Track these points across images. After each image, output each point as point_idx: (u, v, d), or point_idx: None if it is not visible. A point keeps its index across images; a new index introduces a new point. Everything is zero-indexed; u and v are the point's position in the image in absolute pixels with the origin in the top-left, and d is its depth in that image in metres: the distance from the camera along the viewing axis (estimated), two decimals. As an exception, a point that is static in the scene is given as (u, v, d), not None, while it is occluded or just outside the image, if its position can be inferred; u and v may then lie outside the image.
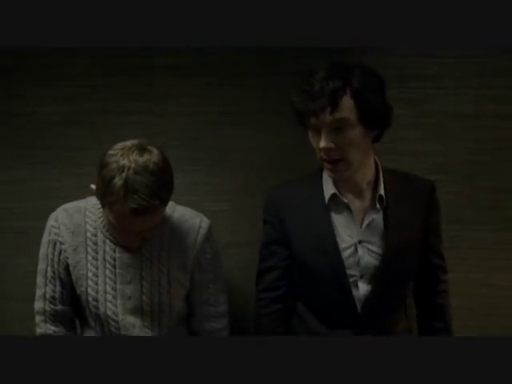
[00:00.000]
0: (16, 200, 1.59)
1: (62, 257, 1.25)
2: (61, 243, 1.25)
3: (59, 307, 1.27)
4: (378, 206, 1.21)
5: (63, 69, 1.56)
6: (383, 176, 1.24)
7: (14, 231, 1.58)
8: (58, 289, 1.27)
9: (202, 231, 1.29)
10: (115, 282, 1.24)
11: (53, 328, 1.28)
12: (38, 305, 1.29)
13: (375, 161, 1.26)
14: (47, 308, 1.27)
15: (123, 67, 1.55)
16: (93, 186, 1.13)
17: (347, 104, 1.08)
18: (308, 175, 1.31)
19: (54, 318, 1.28)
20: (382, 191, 1.21)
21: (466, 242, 1.54)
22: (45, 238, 1.28)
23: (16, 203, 1.58)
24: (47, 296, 1.27)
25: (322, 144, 1.11)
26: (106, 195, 1.07)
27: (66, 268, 1.26)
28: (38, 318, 1.29)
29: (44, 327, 1.28)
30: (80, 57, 1.55)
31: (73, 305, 1.30)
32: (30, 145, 1.58)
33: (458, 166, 1.53)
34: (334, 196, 1.22)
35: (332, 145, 1.11)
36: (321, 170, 1.27)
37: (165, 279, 1.26)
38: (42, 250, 1.28)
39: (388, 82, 1.46)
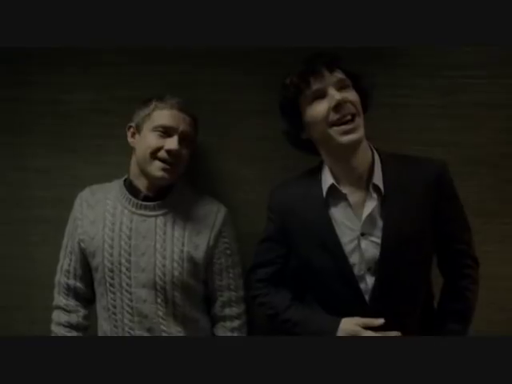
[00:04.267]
0: (42, 188, 1.60)
1: (77, 232, 1.33)
2: (78, 219, 1.34)
3: (71, 281, 1.36)
4: (374, 195, 1.18)
5: (90, 56, 1.56)
6: (383, 162, 1.22)
7: (40, 220, 1.60)
8: (73, 263, 1.36)
9: (220, 215, 1.36)
10: (130, 254, 1.29)
11: (64, 301, 1.37)
12: (57, 276, 1.38)
13: (370, 148, 1.24)
14: (61, 280, 1.38)
15: (151, 55, 1.55)
16: (131, 124, 1.35)
17: (340, 71, 1.18)
18: (308, 172, 1.31)
19: (66, 291, 1.37)
20: (376, 180, 1.19)
21: (493, 235, 1.50)
22: (70, 215, 1.38)
23: (42, 192, 1.60)
24: (63, 269, 1.37)
25: (337, 96, 1.13)
26: (147, 109, 1.31)
27: (79, 243, 1.34)
28: (55, 290, 1.38)
29: (57, 299, 1.37)
30: (107, 44, 1.51)
31: (84, 281, 1.36)
32: (56, 133, 1.59)
33: (486, 158, 1.49)
34: (332, 188, 1.21)
35: (346, 96, 1.14)
36: (320, 166, 1.28)
37: (179, 255, 1.29)
38: (67, 226, 1.39)
39: (417, 72, 1.47)
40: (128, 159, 1.39)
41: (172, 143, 1.26)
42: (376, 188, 1.19)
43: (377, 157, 1.23)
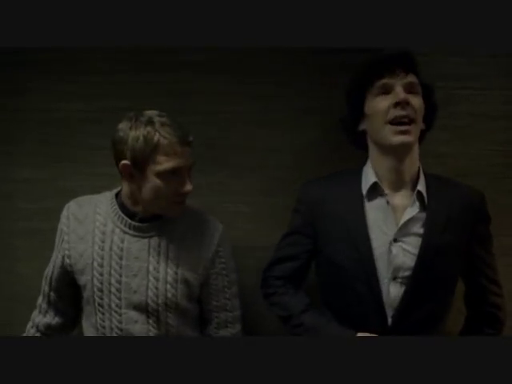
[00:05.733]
0: (30, 200, 1.56)
1: (62, 246, 1.28)
2: (65, 233, 1.28)
3: (46, 288, 1.32)
4: (417, 203, 1.17)
5: (84, 64, 1.54)
6: (427, 179, 1.22)
7: (26, 232, 1.56)
8: (49, 274, 1.31)
9: (217, 234, 1.29)
10: (120, 275, 1.23)
11: (39, 301, 1.34)
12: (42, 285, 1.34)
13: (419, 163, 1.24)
14: (42, 283, 1.33)
15: (147, 64, 1.53)
16: (126, 162, 1.15)
17: (414, 76, 1.18)
18: (346, 171, 1.30)
19: (42, 295, 1.33)
20: (421, 187, 1.18)
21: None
22: (58, 227, 1.32)
23: (30, 203, 1.56)
24: (45, 274, 1.33)
25: (401, 95, 1.14)
26: (148, 148, 1.12)
27: (63, 257, 1.28)
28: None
29: (38, 300, 1.34)
30: (103, 53, 1.53)
31: (58, 293, 1.32)
32: (45, 142, 1.55)
33: (483, 169, 1.49)
34: (374, 187, 1.20)
35: (409, 98, 1.14)
36: (360, 169, 1.27)
37: (173, 276, 1.25)
38: (56, 237, 1.33)
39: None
40: (115, 170, 1.33)
41: (187, 186, 1.18)
42: (419, 196, 1.19)
43: (421, 171, 1.23)
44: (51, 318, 1.34)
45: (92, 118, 1.53)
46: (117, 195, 1.31)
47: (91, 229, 1.27)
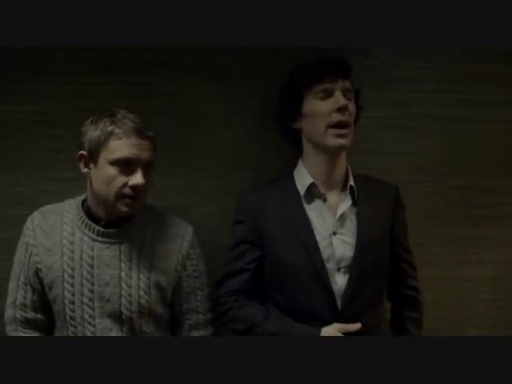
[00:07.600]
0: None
1: (31, 260, 1.22)
2: (32, 246, 1.23)
3: (30, 315, 1.24)
4: (348, 197, 1.27)
5: (36, 62, 1.44)
6: (352, 173, 1.32)
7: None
8: (29, 296, 1.23)
9: (188, 237, 1.30)
10: (92, 284, 1.21)
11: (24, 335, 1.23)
12: (9, 312, 1.25)
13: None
14: (18, 316, 1.24)
15: (108, 64, 1.46)
16: (82, 152, 1.18)
17: (349, 82, 1.26)
18: (278, 177, 1.36)
19: (26, 325, 1.24)
20: (352, 183, 1.28)
21: (440, 238, 1.60)
22: (20, 242, 1.26)
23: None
24: (18, 303, 1.24)
25: (343, 101, 1.21)
26: (103, 135, 1.14)
27: (36, 273, 1.22)
28: (8, 328, 1.25)
29: (16, 334, 1.24)
30: (60, 52, 1.43)
31: (45, 312, 1.25)
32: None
33: (434, 167, 1.59)
34: (310, 187, 1.27)
35: (348, 104, 1.22)
36: (291, 171, 1.34)
37: (146, 282, 1.23)
38: (17, 254, 1.26)
39: (372, 85, 1.52)
40: (75, 174, 1.30)
41: (137, 178, 1.15)
42: (351, 190, 1.27)
43: (349, 169, 1.33)
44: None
45: (45, 120, 1.44)
46: (83, 202, 1.27)
47: (58, 239, 1.22)
